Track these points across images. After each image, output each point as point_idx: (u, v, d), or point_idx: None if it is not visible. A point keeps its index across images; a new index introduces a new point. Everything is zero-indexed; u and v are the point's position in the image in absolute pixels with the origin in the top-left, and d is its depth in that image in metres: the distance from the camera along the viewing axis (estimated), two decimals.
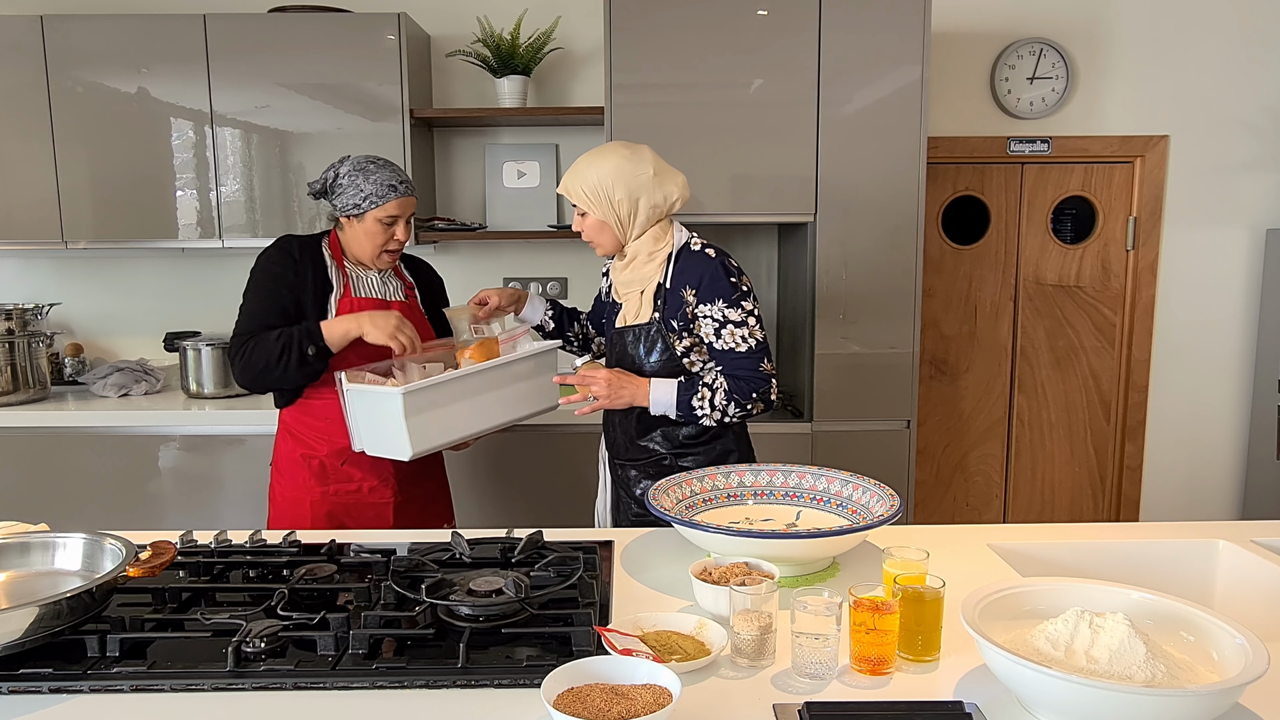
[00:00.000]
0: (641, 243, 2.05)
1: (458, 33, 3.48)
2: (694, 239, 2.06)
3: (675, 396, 1.98)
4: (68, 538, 1.48)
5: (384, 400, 1.89)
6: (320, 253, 2.19)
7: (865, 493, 1.70)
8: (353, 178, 2.12)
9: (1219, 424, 3.75)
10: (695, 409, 1.97)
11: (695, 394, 1.98)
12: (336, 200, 2.15)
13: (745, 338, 1.99)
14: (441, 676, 1.21)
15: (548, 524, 2.13)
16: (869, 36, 2.87)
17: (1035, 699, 1.07)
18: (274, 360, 2.03)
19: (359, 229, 2.14)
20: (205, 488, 3.04)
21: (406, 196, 2.14)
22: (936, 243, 3.65)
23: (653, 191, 2.00)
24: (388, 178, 2.12)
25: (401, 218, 2.15)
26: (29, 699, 1.18)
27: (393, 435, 1.91)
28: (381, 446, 1.98)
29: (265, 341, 2.04)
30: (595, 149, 2.05)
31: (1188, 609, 1.21)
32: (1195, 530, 1.76)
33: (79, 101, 3.12)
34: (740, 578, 1.39)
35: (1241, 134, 3.58)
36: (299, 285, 2.13)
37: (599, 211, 2.02)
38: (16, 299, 3.60)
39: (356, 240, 2.17)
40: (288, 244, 2.18)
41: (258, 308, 2.11)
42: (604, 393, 1.97)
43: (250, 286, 2.15)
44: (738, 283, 2.01)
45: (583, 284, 3.60)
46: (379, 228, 2.13)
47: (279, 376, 2.06)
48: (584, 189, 2.02)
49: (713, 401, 1.97)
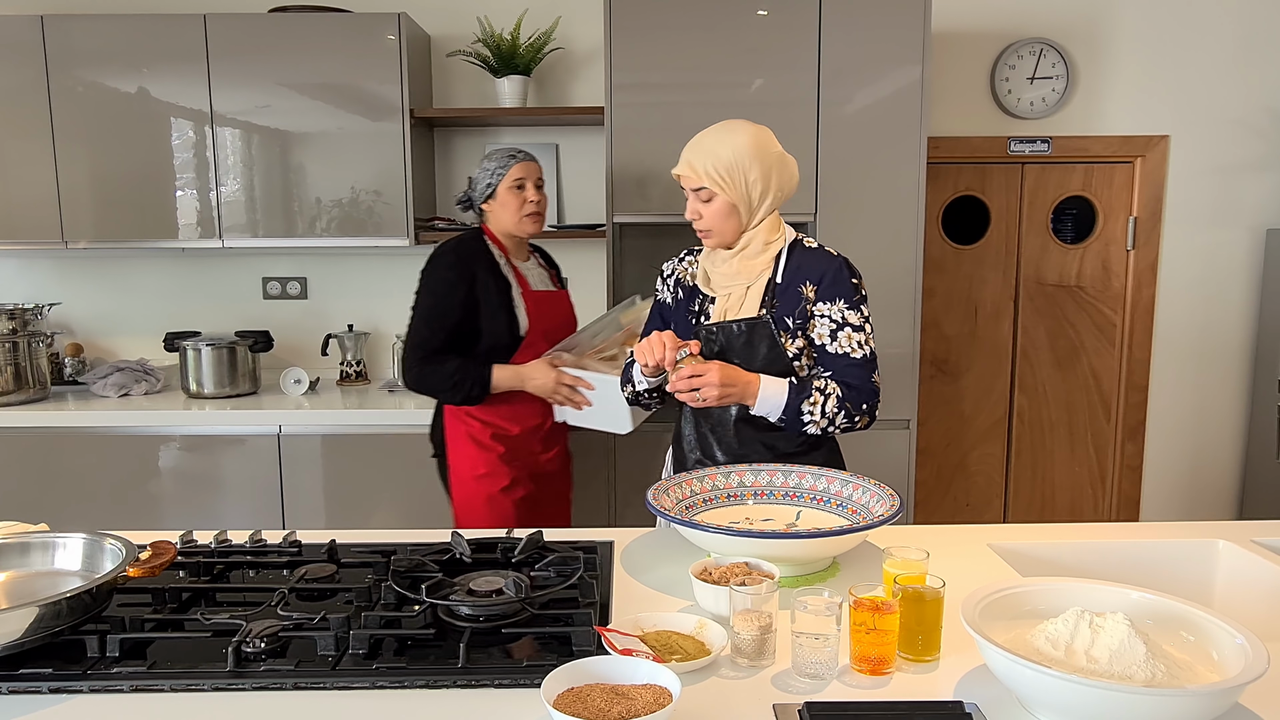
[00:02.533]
0: (758, 232, 1.88)
1: (458, 33, 3.48)
2: (803, 236, 1.93)
3: (786, 398, 1.80)
4: (68, 538, 1.48)
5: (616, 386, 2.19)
6: (489, 252, 2.41)
7: (865, 493, 1.70)
8: (480, 168, 2.44)
9: (1219, 424, 3.75)
10: (803, 414, 1.81)
11: (807, 397, 1.80)
12: (475, 193, 2.44)
13: (861, 344, 1.85)
14: (441, 676, 1.21)
15: None
16: (869, 36, 2.87)
17: (1035, 699, 1.07)
18: (444, 390, 2.35)
19: (497, 206, 2.41)
20: (205, 488, 3.04)
21: (526, 161, 2.42)
22: (937, 243, 3.65)
23: (781, 172, 1.85)
24: (505, 152, 2.42)
25: (529, 180, 2.41)
26: (29, 699, 1.18)
27: (613, 413, 2.33)
28: (597, 422, 2.39)
29: (441, 372, 2.33)
30: (716, 126, 1.86)
31: (1188, 609, 1.21)
32: (1195, 530, 1.76)
33: (79, 101, 3.12)
34: (740, 578, 1.39)
35: (1241, 134, 3.58)
36: (476, 292, 2.35)
37: (731, 193, 1.82)
38: (16, 299, 3.60)
39: (501, 218, 2.42)
40: (458, 251, 2.38)
41: (435, 320, 2.34)
42: (715, 390, 1.75)
43: (425, 296, 2.37)
44: (859, 284, 1.87)
45: (583, 284, 3.61)
46: (512, 195, 2.39)
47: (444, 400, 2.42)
48: (716, 168, 1.81)
49: (824, 408, 1.81)
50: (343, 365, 3.46)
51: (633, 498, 3.06)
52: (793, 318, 1.85)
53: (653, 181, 2.95)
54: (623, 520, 3.04)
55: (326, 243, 3.21)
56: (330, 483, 3.04)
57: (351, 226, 3.20)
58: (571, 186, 3.56)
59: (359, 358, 3.47)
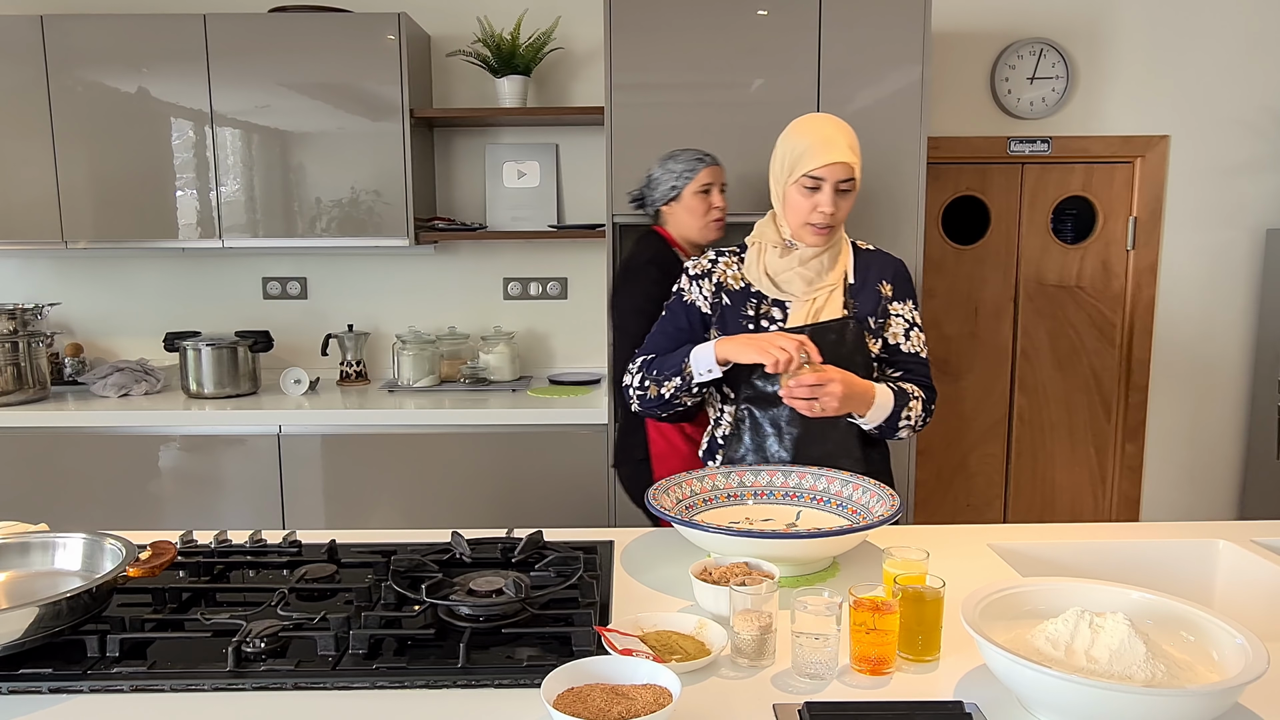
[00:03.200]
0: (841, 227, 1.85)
1: (458, 33, 3.48)
2: None
3: (893, 405, 1.76)
4: (68, 538, 1.48)
5: None
6: (679, 259, 2.37)
7: (865, 493, 1.70)
8: (662, 168, 2.41)
9: (1219, 424, 3.75)
10: (900, 420, 1.78)
11: (906, 403, 1.78)
12: (654, 193, 2.43)
13: (924, 344, 1.86)
14: (441, 676, 1.21)
15: (549, 524, 2.14)
16: (869, 36, 2.87)
17: (1035, 699, 1.07)
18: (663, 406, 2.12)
19: (680, 210, 2.41)
20: (205, 488, 3.04)
21: (713, 165, 2.40)
22: (937, 243, 3.65)
23: None
24: (691, 154, 2.40)
25: (714, 185, 2.40)
26: (29, 699, 1.18)
27: None
28: None
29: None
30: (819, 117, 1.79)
31: (1188, 609, 1.21)
32: (1195, 530, 1.76)
33: (79, 101, 3.12)
34: (740, 578, 1.39)
35: (1241, 134, 3.58)
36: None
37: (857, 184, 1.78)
38: (16, 299, 3.60)
39: (684, 222, 2.41)
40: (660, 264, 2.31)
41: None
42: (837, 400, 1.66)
43: (649, 308, 2.22)
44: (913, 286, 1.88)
45: (583, 284, 3.61)
46: (698, 200, 2.38)
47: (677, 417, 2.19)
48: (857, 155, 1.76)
49: (916, 412, 1.79)
50: (343, 365, 3.46)
51: None
52: (874, 318, 1.83)
53: None
54: (623, 520, 3.04)
55: (326, 243, 3.21)
56: (330, 483, 3.04)
57: (351, 226, 3.20)
58: (571, 186, 3.56)
59: (359, 358, 3.47)
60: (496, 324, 3.64)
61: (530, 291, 3.62)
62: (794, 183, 1.79)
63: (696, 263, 1.96)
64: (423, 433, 3.01)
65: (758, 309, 1.87)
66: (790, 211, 1.82)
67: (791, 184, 1.80)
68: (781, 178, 1.83)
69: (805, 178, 1.77)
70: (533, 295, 3.62)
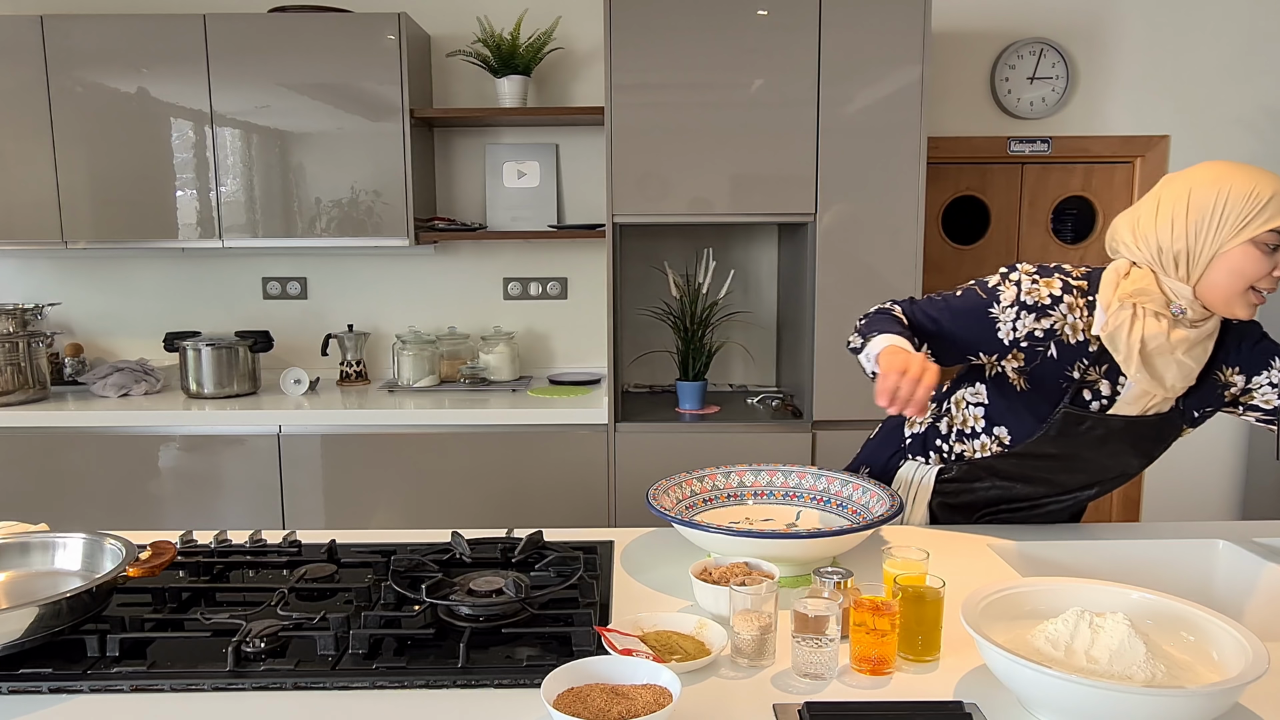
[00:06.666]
0: None
1: (458, 33, 3.48)
2: None
3: None
4: (68, 538, 1.48)
5: None
6: None
7: (865, 493, 1.70)
8: None
9: (1219, 424, 3.75)
10: None
11: None
12: None
13: None
14: (441, 676, 1.21)
15: (548, 524, 2.14)
16: (869, 36, 2.87)
17: (1035, 699, 1.07)
18: None
19: None
20: (205, 488, 3.04)
21: None
22: (937, 243, 3.65)
23: None
24: None
25: None
26: (29, 699, 1.18)
27: None
28: None
29: None
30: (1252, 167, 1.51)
31: (1188, 609, 1.21)
32: (1195, 530, 1.76)
33: (79, 101, 3.12)
34: (740, 578, 1.39)
35: (1241, 134, 3.58)
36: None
37: None
38: (16, 299, 3.60)
39: None
40: None
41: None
42: None
43: None
44: None
45: (583, 284, 3.61)
46: None
47: None
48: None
49: None
50: (343, 365, 3.46)
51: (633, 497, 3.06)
52: (1202, 410, 1.60)
53: (652, 182, 2.95)
54: (623, 520, 3.04)
55: (326, 243, 3.21)
56: (330, 483, 3.04)
57: (351, 226, 3.20)
58: (571, 186, 3.56)
59: (359, 358, 3.47)
60: (496, 324, 3.64)
61: (530, 291, 3.62)
62: (1250, 240, 1.47)
63: (1035, 288, 1.59)
64: (423, 433, 3.01)
65: (1084, 372, 1.59)
66: (1229, 276, 1.49)
67: (1243, 242, 1.48)
68: (1224, 233, 1.49)
69: (1271, 234, 1.47)
70: (533, 295, 3.62)
